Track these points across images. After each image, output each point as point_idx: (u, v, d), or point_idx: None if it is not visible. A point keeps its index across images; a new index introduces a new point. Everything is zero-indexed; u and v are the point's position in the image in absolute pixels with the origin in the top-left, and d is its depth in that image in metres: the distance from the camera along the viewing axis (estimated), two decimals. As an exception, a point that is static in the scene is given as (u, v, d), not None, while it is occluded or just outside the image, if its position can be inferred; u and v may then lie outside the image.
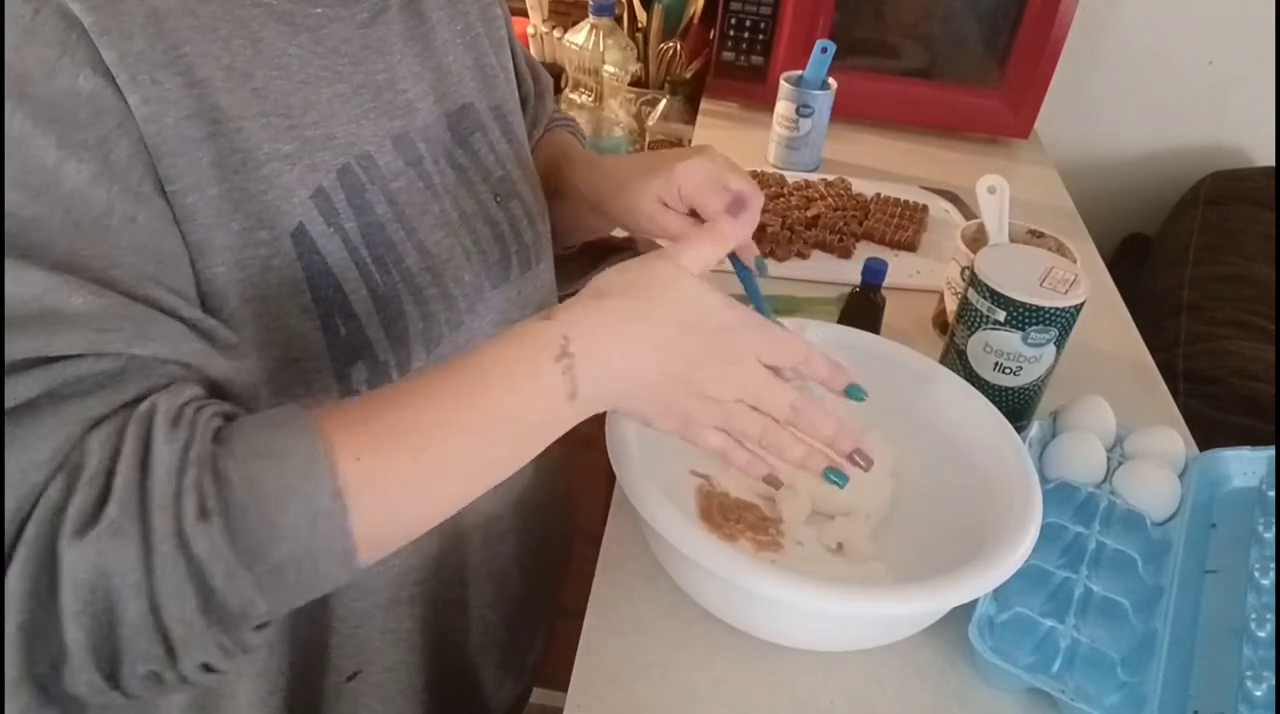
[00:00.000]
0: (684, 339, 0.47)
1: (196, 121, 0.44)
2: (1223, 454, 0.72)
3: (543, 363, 0.44)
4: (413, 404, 0.42)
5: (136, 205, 0.42)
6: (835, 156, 1.23)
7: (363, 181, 0.52)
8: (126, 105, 0.41)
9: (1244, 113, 1.47)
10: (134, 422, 0.37)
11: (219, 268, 0.46)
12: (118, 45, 0.41)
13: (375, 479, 0.40)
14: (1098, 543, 0.64)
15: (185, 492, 0.36)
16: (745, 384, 0.48)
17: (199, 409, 0.39)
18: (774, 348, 0.49)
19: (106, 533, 0.34)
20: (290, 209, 0.48)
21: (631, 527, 0.65)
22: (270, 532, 0.37)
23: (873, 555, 0.64)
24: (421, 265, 0.55)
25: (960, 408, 0.67)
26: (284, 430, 0.39)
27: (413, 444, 0.41)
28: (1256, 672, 0.55)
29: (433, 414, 0.42)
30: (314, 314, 0.50)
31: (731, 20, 1.26)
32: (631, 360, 0.46)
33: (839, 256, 1.01)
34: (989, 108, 1.29)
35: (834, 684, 0.57)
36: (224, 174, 0.45)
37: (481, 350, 0.45)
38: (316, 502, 0.38)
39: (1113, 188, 1.55)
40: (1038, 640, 0.59)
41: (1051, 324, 0.71)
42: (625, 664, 0.57)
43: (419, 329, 0.55)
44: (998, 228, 0.84)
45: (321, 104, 0.50)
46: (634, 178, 0.65)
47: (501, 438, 0.44)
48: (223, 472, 0.37)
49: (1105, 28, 1.42)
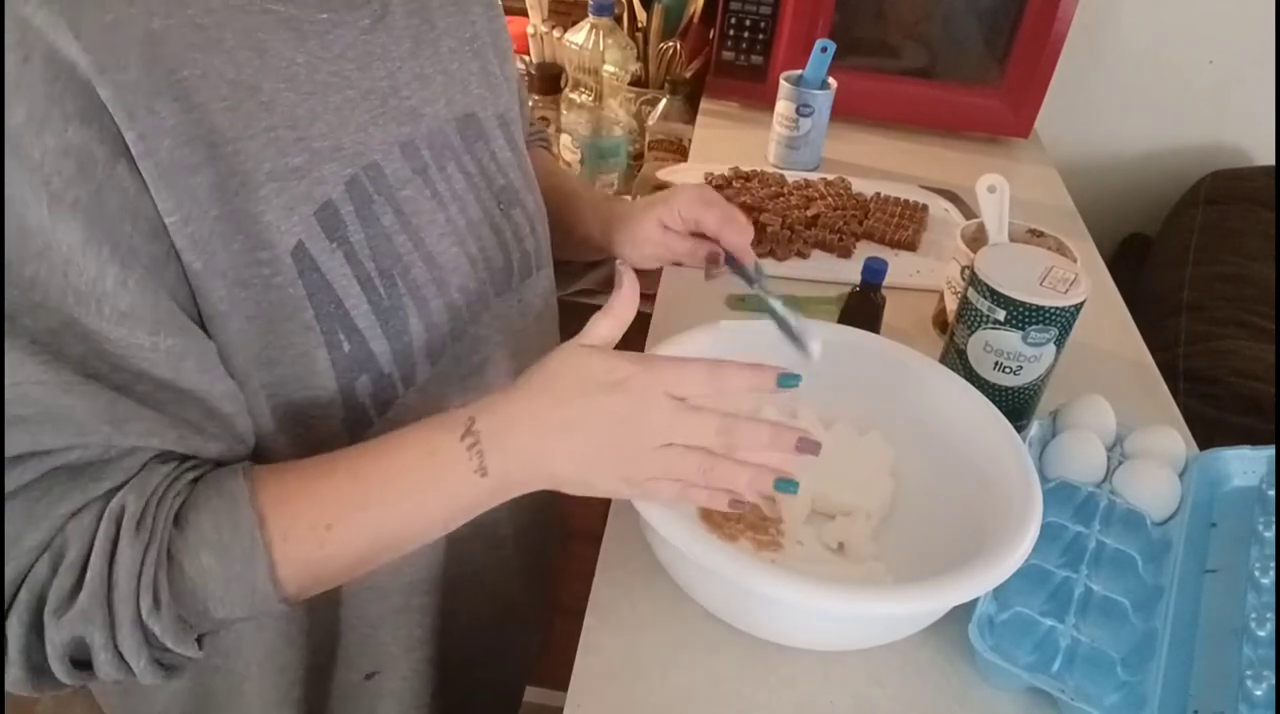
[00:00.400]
0: (590, 409, 0.48)
1: (195, 146, 0.44)
2: (1223, 453, 0.72)
3: (450, 441, 0.48)
4: (331, 483, 0.48)
5: (127, 268, 0.42)
6: (835, 156, 1.23)
7: (370, 192, 0.52)
8: (123, 141, 0.41)
9: (1244, 112, 1.47)
10: (105, 520, 0.44)
11: (221, 291, 0.46)
12: (114, 80, 0.40)
13: (296, 556, 0.47)
14: (1098, 542, 0.64)
15: (143, 590, 0.44)
16: (665, 430, 0.49)
17: (160, 500, 0.45)
18: (680, 382, 0.49)
19: (80, 617, 0.43)
20: (289, 227, 0.48)
21: (631, 527, 0.65)
22: (216, 606, 0.46)
23: (873, 555, 0.64)
24: (429, 276, 0.55)
25: (960, 407, 0.67)
26: (230, 524, 0.45)
27: (315, 522, 0.47)
28: (1256, 671, 0.55)
29: (344, 494, 0.48)
30: (316, 331, 0.50)
31: (731, 20, 1.26)
32: (539, 439, 0.48)
33: (839, 256, 1.01)
34: (989, 107, 1.29)
35: (834, 684, 0.57)
36: (224, 197, 0.45)
37: (403, 433, 0.49)
38: (255, 584, 0.45)
39: (1113, 187, 1.55)
40: (1038, 640, 0.59)
41: (1051, 323, 0.71)
42: (625, 664, 0.57)
43: (423, 341, 0.56)
44: (998, 227, 0.84)
45: (329, 113, 0.50)
46: (637, 210, 0.73)
47: (408, 510, 0.49)
48: (177, 560, 0.45)
49: (1105, 27, 1.42)
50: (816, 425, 0.70)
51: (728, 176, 1.10)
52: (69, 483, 0.44)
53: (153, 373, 0.44)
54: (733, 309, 0.90)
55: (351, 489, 0.48)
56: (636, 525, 0.64)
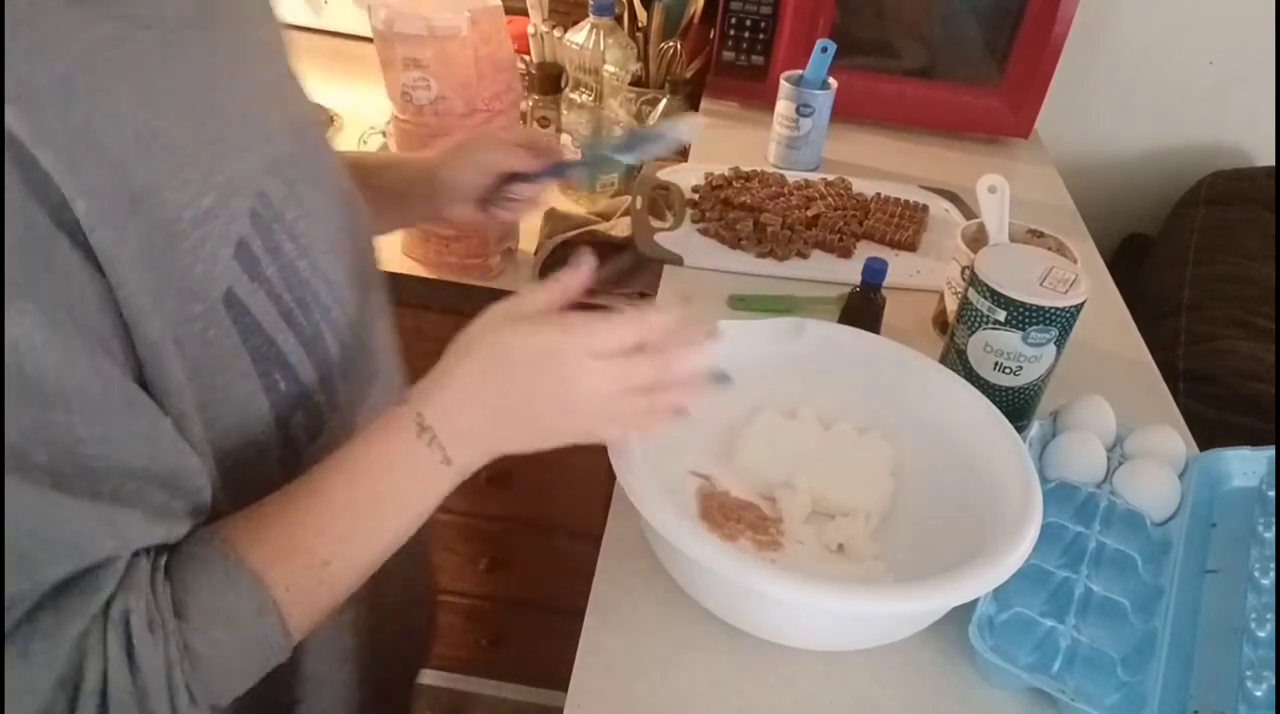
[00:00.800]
0: (529, 388, 0.50)
1: (119, 200, 0.40)
2: (1223, 454, 0.72)
3: (408, 443, 0.49)
4: (312, 522, 0.48)
5: (91, 355, 0.39)
6: (835, 156, 1.23)
7: (268, 222, 0.50)
8: (72, 213, 0.38)
9: (1244, 112, 1.47)
10: (111, 633, 0.41)
11: (161, 349, 0.43)
12: (50, 142, 0.37)
13: (300, 601, 0.47)
14: (1098, 543, 0.64)
15: (176, 688, 0.43)
16: (602, 387, 0.51)
17: (157, 594, 0.43)
18: (606, 339, 0.51)
19: None
20: (218, 275, 0.46)
21: (631, 526, 0.65)
22: (239, 671, 0.46)
23: (873, 555, 0.64)
24: (331, 295, 0.55)
25: (960, 408, 0.67)
26: (231, 592, 0.45)
27: (311, 564, 0.47)
28: (1256, 671, 0.55)
29: (330, 529, 0.48)
30: (254, 376, 0.49)
31: (732, 20, 1.26)
32: (486, 414, 0.51)
33: (839, 256, 1.01)
34: (989, 107, 1.29)
35: (834, 683, 0.57)
36: (153, 255, 0.42)
37: (355, 449, 0.50)
38: (270, 641, 0.46)
39: (1113, 187, 1.55)
40: (1038, 640, 0.59)
41: (1052, 324, 0.71)
42: (625, 664, 0.57)
43: (339, 361, 0.56)
44: (998, 227, 0.84)
45: (216, 144, 0.46)
46: (447, 170, 0.74)
47: (392, 520, 0.51)
48: (194, 651, 0.44)
49: (1106, 27, 1.42)
50: (816, 425, 0.70)
51: (728, 176, 1.10)
52: (66, 602, 0.41)
53: (131, 464, 0.41)
54: (733, 309, 0.90)
55: (335, 522, 0.48)
56: (636, 525, 0.64)
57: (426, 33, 0.88)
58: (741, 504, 0.66)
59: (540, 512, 1.31)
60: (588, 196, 1.26)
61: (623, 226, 1.10)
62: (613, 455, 0.57)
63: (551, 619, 1.43)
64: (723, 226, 1.00)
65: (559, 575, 1.36)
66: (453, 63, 0.91)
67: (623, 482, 0.56)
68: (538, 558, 1.36)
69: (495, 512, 1.32)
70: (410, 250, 1.10)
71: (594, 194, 1.26)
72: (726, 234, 1.00)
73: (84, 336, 0.39)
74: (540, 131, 0.70)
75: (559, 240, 1.08)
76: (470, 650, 1.52)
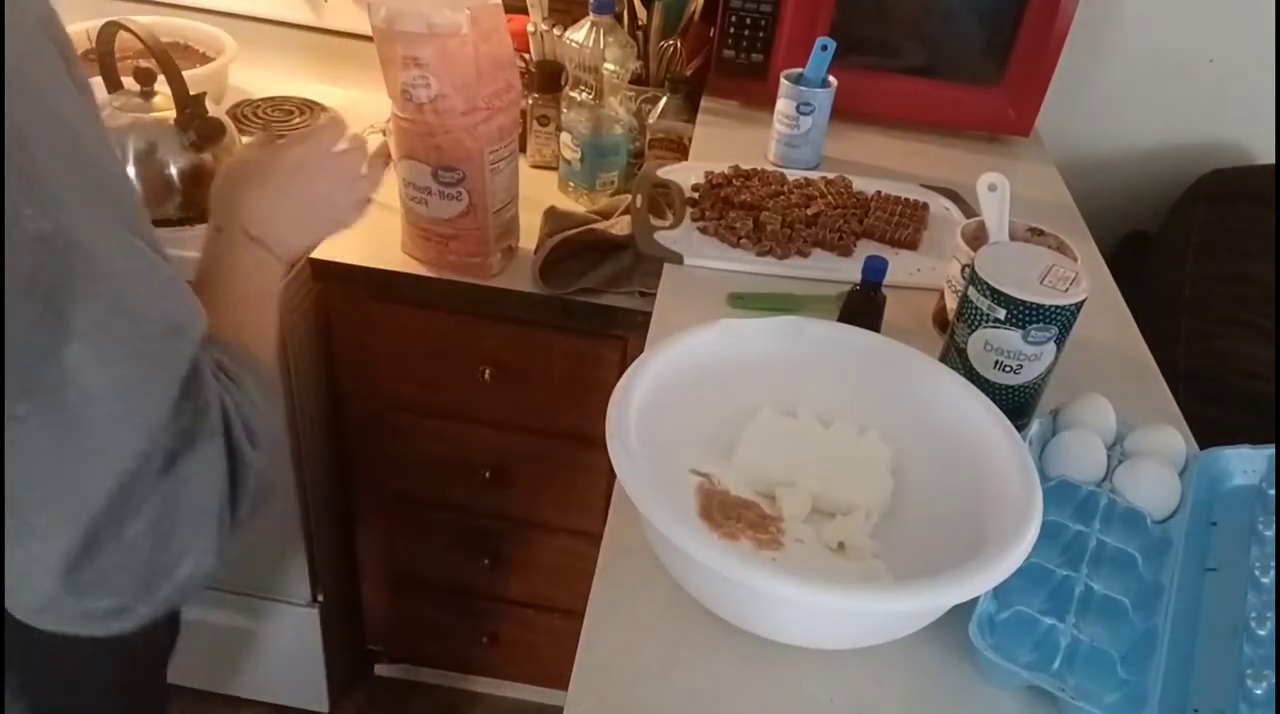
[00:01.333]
0: (304, 193, 0.71)
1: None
2: (1223, 452, 0.72)
3: (255, 252, 0.66)
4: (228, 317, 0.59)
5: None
6: (835, 154, 1.23)
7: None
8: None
9: (1245, 110, 1.47)
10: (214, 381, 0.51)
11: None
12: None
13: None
14: (1098, 541, 0.64)
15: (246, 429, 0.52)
16: (324, 176, 0.73)
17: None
18: (323, 143, 0.74)
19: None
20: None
21: (631, 526, 0.65)
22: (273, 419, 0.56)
23: (873, 553, 0.64)
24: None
25: (960, 406, 0.67)
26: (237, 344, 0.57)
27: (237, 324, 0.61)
28: (1257, 670, 0.55)
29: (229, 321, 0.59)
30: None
31: (732, 18, 1.25)
32: (283, 215, 0.69)
33: (839, 254, 1.01)
34: (990, 105, 1.29)
35: (834, 682, 0.57)
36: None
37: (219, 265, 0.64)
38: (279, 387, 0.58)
39: (1113, 185, 1.55)
40: (1038, 638, 0.59)
41: (1052, 322, 0.71)
42: (625, 664, 0.57)
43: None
44: (998, 225, 0.84)
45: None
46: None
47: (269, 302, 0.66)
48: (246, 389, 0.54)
49: (1106, 25, 1.42)
50: (816, 424, 0.70)
51: (728, 175, 1.10)
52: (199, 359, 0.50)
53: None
54: (733, 307, 0.90)
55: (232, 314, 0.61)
56: (636, 525, 0.64)
57: (426, 30, 0.88)
58: (741, 503, 0.66)
59: (540, 511, 1.31)
60: (588, 195, 1.26)
61: (622, 225, 1.10)
62: (613, 455, 0.57)
63: (551, 619, 1.44)
64: (723, 225, 1.00)
65: (559, 575, 1.36)
66: (453, 61, 0.91)
67: (623, 481, 0.56)
68: (538, 557, 1.36)
69: (495, 511, 1.32)
70: (410, 249, 1.10)
71: (594, 192, 1.26)
72: (726, 232, 1.00)
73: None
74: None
75: (559, 239, 1.08)
76: (470, 649, 1.52)
